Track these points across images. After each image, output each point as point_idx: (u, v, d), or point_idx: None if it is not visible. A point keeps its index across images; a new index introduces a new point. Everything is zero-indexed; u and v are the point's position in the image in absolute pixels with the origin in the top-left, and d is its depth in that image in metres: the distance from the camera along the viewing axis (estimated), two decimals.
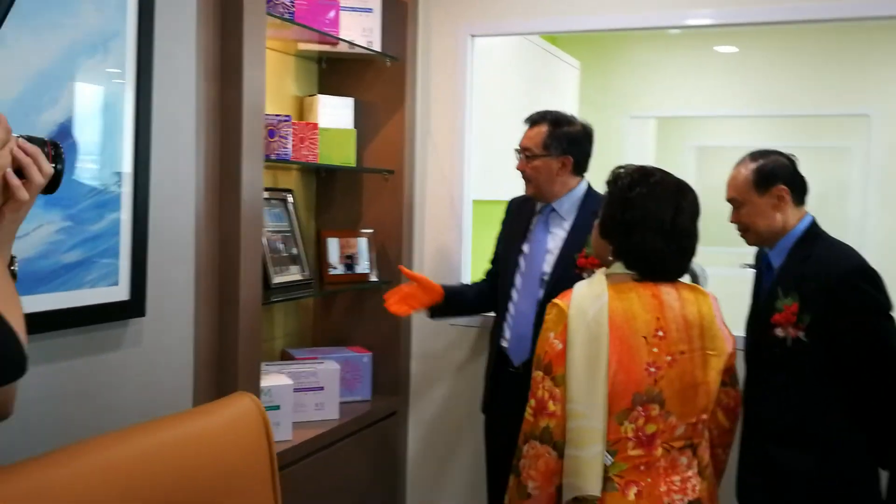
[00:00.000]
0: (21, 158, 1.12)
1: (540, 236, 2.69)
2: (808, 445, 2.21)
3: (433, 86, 3.11)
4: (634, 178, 1.97)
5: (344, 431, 2.78)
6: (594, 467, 1.85)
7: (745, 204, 2.32)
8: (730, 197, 2.36)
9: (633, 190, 1.95)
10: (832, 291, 2.19)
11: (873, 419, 2.26)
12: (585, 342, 1.88)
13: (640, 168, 2.02)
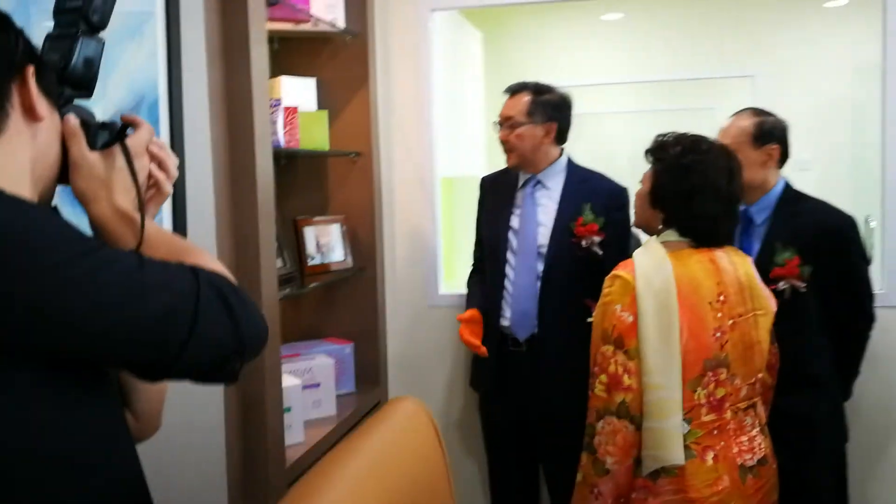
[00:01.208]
0: (158, 153, 1.09)
1: (529, 210, 2.66)
2: (804, 388, 2.35)
3: (394, 62, 2.99)
4: (686, 146, 1.97)
5: (344, 428, 2.65)
6: (676, 437, 1.85)
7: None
8: None
9: (687, 157, 1.95)
10: (832, 242, 2.37)
11: (848, 355, 2.54)
12: (656, 312, 1.86)
13: (685, 135, 2.02)
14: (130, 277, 0.87)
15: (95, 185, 1.01)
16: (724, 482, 1.88)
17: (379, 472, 1.01)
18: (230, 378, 0.96)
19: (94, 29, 1.03)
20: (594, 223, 2.52)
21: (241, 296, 0.96)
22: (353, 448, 1.04)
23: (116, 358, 0.90)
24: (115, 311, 0.85)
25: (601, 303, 1.96)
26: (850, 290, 2.45)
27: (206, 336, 0.90)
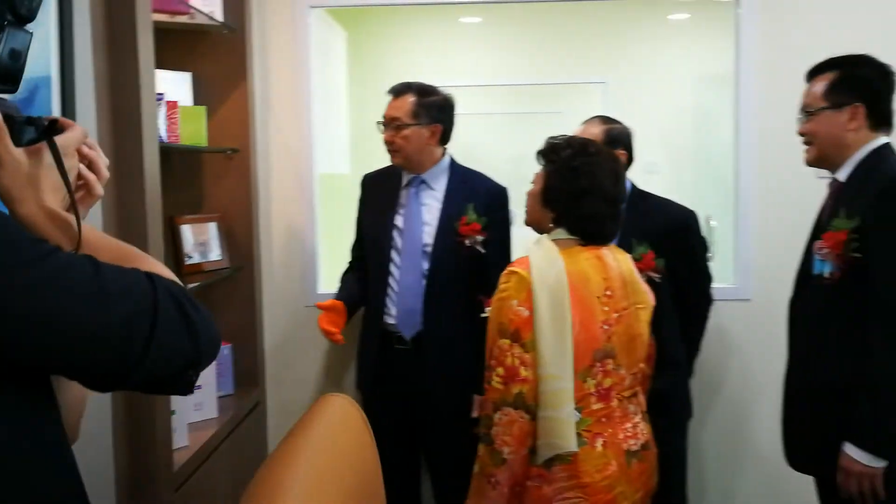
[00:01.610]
0: (89, 153, 1.04)
1: (414, 209, 2.69)
2: (665, 370, 2.51)
3: (272, 58, 2.95)
4: (576, 149, 2.06)
5: (226, 430, 2.60)
6: (570, 425, 1.94)
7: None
8: None
9: (577, 160, 2.04)
10: (678, 234, 2.67)
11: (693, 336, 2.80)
12: (550, 307, 1.94)
13: (575, 139, 2.12)
14: (90, 284, 0.83)
15: (21, 183, 0.94)
16: (613, 467, 1.98)
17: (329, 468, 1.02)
18: (186, 389, 0.94)
19: (21, 20, 0.97)
20: (477, 222, 2.59)
21: (196, 304, 0.93)
22: (297, 447, 1.03)
23: (71, 367, 0.86)
24: (75, 318, 0.81)
25: (497, 298, 2.01)
26: (694, 275, 2.70)
27: (163, 346, 0.87)
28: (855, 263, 2.05)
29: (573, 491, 1.95)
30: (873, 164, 2.13)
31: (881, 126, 2.17)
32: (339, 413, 1.15)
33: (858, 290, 2.05)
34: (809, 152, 2.25)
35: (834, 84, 2.18)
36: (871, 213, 2.04)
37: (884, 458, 2.01)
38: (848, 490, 2.06)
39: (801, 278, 2.29)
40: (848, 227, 2.06)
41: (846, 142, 2.16)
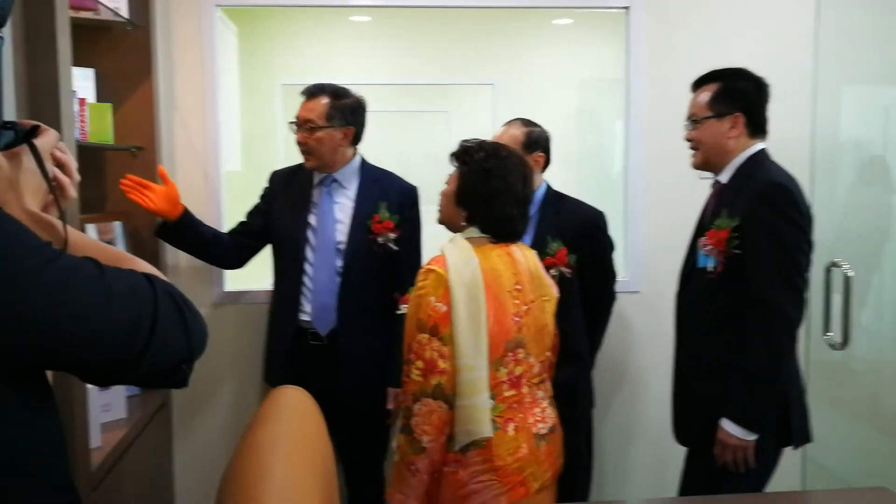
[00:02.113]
0: (61, 157, 1.08)
1: (326, 207, 2.75)
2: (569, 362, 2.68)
3: (177, 56, 2.94)
4: (489, 152, 2.18)
5: (136, 430, 2.59)
6: (485, 412, 2.06)
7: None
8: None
9: (489, 162, 2.16)
10: (589, 233, 2.84)
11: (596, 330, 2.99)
12: (466, 301, 2.06)
13: (487, 142, 2.23)
14: (98, 285, 0.87)
15: (2, 187, 0.97)
16: (523, 450, 2.12)
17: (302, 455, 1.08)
18: (181, 383, 0.98)
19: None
20: (389, 220, 2.68)
21: (189, 302, 0.98)
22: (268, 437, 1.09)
23: (77, 364, 0.89)
24: (85, 318, 0.85)
25: (415, 295, 2.11)
26: (602, 273, 2.87)
27: (162, 343, 0.92)
28: (735, 259, 2.28)
29: (487, 474, 2.08)
30: (751, 168, 2.36)
31: (758, 133, 2.41)
32: (298, 404, 1.22)
33: (737, 283, 2.28)
34: (696, 157, 2.46)
35: (716, 95, 2.39)
36: (748, 214, 2.26)
37: (755, 432, 2.26)
38: (723, 460, 2.30)
39: (686, 272, 2.50)
40: (729, 225, 2.29)
41: (728, 148, 2.38)
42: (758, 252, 2.24)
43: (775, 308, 2.22)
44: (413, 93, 6.25)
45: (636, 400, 3.29)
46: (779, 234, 2.22)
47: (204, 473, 3.10)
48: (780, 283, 2.22)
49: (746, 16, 3.21)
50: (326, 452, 1.18)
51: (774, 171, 2.33)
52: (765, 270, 2.23)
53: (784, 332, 2.25)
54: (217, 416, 3.11)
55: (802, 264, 2.26)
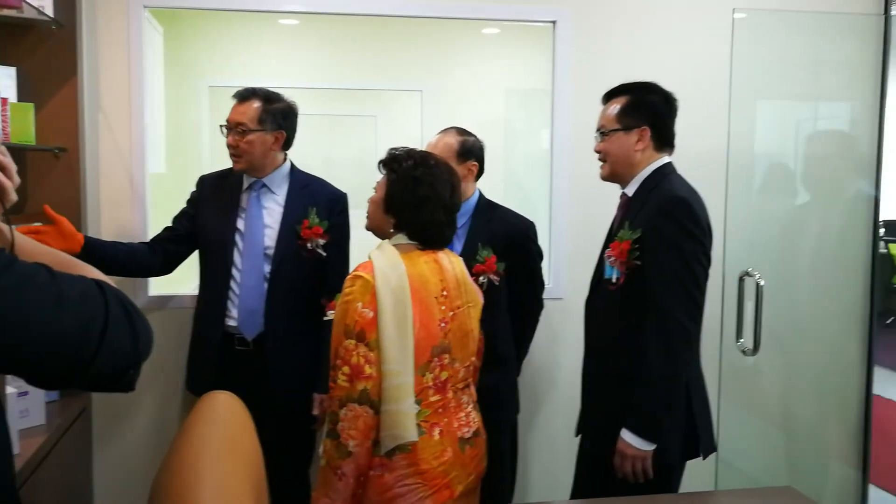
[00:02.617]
0: (2, 160, 1.09)
1: (255, 212, 2.75)
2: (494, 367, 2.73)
3: (103, 56, 2.89)
4: (417, 161, 2.22)
5: (56, 437, 2.54)
6: (411, 417, 2.10)
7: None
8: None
9: (418, 170, 2.20)
10: (519, 242, 2.88)
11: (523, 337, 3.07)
12: (393, 307, 2.09)
13: (415, 151, 2.27)
14: (51, 291, 0.87)
15: None
16: (448, 454, 2.16)
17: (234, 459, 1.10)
18: (128, 387, 0.99)
19: None
20: (319, 226, 2.69)
21: (136, 308, 0.99)
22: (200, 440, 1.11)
23: (29, 367, 0.90)
24: (39, 324, 0.86)
25: (342, 301, 2.13)
26: (530, 281, 2.92)
27: (112, 348, 0.93)
28: (637, 270, 2.33)
29: (413, 477, 2.11)
30: (656, 181, 2.41)
31: (664, 147, 2.47)
32: (228, 408, 1.24)
33: (639, 294, 2.33)
34: (604, 169, 2.51)
35: (625, 108, 2.44)
36: (650, 226, 2.32)
37: (653, 442, 2.29)
38: (622, 470, 2.33)
39: (595, 281, 2.57)
40: (631, 237, 2.34)
41: (634, 160, 2.43)
42: (657, 264, 2.28)
43: (673, 319, 2.26)
44: (341, 97, 6.26)
45: (562, 406, 3.36)
46: (678, 246, 2.26)
47: (124, 481, 3.05)
48: (678, 295, 2.26)
49: (668, 34, 3.34)
50: (257, 457, 1.20)
51: (677, 185, 2.37)
52: (663, 282, 2.27)
53: (681, 342, 2.28)
54: (138, 423, 3.07)
55: (700, 276, 2.30)
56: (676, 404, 2.34)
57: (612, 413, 2.37)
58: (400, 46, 5.58)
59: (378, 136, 6.38)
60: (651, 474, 2.32)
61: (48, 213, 2.48)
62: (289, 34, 5.75)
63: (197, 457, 1.04)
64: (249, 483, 1.07)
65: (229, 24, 5.50)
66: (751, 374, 3.52)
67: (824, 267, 3.23)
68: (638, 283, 2.32)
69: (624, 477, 2.33)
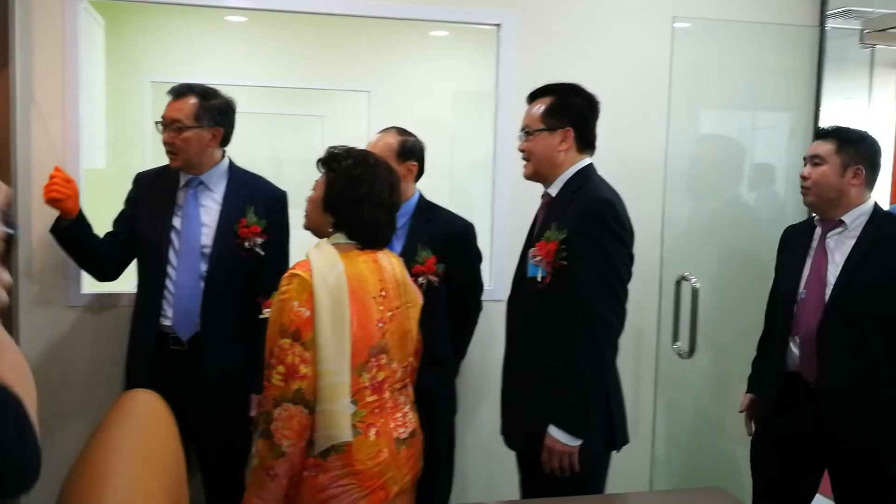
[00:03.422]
0: None
1: (191, 210, 2.71)
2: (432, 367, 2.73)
3: (36, 47, 2.82)
4: (356, 159, 2.21)
5: None
6: (345, 417, 2.08)
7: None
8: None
9: (358, 169, 2.19)
10: (458, 243, 2.91)
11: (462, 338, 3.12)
12: (330, 307, 2.07)
13: (354, 149, 2.26)
14: None
15: None
16: (384, 454, 2.15)
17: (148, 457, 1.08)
18: None
19: None
20: (257, 225, 2.67)
21: (31, 422, 0.90)
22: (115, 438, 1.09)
23: None
24: None
25: (278, 300, 2.11)
26: (469, 283, 2.94)
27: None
28: (562, 270, 2.37)
29: (347, 478, 2.10)
30: (579, 182, 2.45)
31: (586, 148, 2.51)
32: (148, 407, 1.22)
33: (564, 293, 2.37)
34: (527, 168, 2.55)
35: (549, 108, 2.48)
36: (575, 227, 2.36)
37: (580, 437, 2.35)
38: (550, 465, 2.38)
39: (517, 281, 2.59)
40: (558, 238, 2.38)
41: (558, 161, 2.47)
42: (583, 263, 2.33)
43: (599, 317, 2.32)
44: (288, 96, 6.21)
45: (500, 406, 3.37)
46: (603, 246, 2.33)
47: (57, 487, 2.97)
48: (604, 293, 2.33)
49: (610, 40, 3.38)
50: (176, 456, 1.18)
51: (602, 187, 2.43)
52: (589, 281, 2.32)
53: (607, 339, 2.36)
54: (79, 424, 2.99)
55: (624, 275, 2.38)
56: (601, 400, 2.40)
57: (537, 410, 2.40)
58: (348, 46, 5.54)
59: (325, 136, 6.34)
60: (577, 468, 2.36)
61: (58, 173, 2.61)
62: (236, 31, 5.68)
63: (107, 457, 1.02)
64: (164, 482, 1.05)
65: (174, 18, 5.42)
66: (686, 377, 3.57)
67: (758, 271, 3.29)
68: (562, 282, 2.36)
69: (551, 472, 2.37)
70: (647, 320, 3.45)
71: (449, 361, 2.95)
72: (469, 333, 3.04)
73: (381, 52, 5.56)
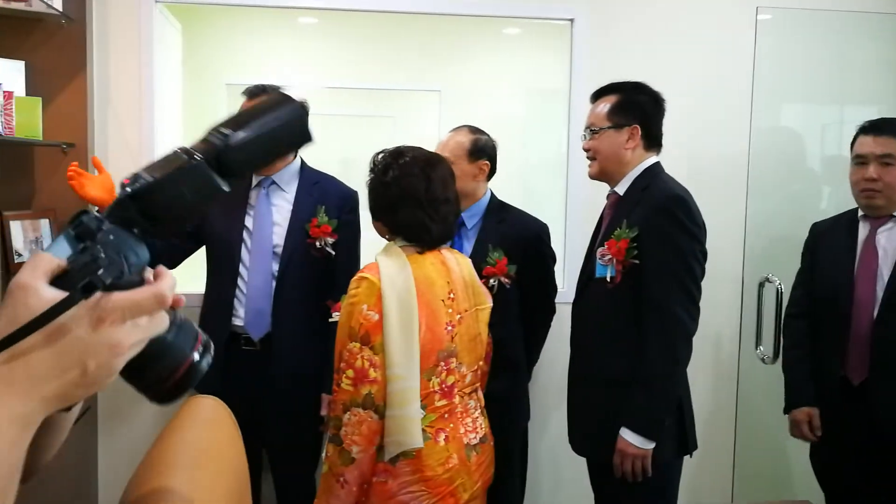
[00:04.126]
0: None
1: (264, 210, 2.70)
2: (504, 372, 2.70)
3: (113, 52, 2.86)
4: (388, 162, 2.15)
5: None
6: (416, 422, 2.04)
7: None
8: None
9: (388, 173, 2.13)
10: (531, 245, 2.83)
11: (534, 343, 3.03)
12: (399, 310, 2.03)
13: (392, 151, 2.19)
14: None
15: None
16: (454, 460, 2.10)
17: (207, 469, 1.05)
18: None
19: None
20: (328, 225, 2.64)
21: None
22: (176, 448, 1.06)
23: None
24: None
25: (347, 303, 2.07)
26: (542, 285, 2.86)
27: None
28: (633, 269, 2.30)
29: (417, 484, 2.05)
30: (647, 179, 2.39)
31: (653, 146, 2.45)
32: (211, 414, 1.19)
33: (635, 293, 2.30)
34: (592, 167, 2.48)
35: (615, 106, 2.42)
36: (647, 224, 2.29)
37: (652, 440, 2.28)
38: (622, 470, 2.31)
39: (583, 281, 2.52)
40: (629, 236, 2.31)
41: (625, 159, 2.41)
42: (655, 261, 2.27)
43: (672, 315, 2.25)
44: (359, 97, 6.22)
45: None
46: (676, 243, 2.26)
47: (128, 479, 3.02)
48: (677, 291, 2.26)
49: (689, 33, 3.26)
50: (239, 465, 1.14)
51: (672, 183, 2.37)
52: (662, 279, 2.26)
53: (680, 339, 2.28)
54: (143, 421, 3.03)
55: (698, 273, 2.30)
56: (674, 402, 2.33)
57: (607, 414, 2.34)
58: (419, 46, 5.53)
59: (395, 137, 6.32)
60: (650, 472, 2.30)
61: (95, 163, 2.54)
62: (308, 32, 5.72)
63: (169, 463, 0.99)
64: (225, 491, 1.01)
65: (249, 22, 5.48)
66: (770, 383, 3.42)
67: None
68: (632, 282, 2.30)
69: (623, 476, 2.31)
70: (728, 324, 3.32)
71: (521, 366, 2.87)
72: (542, 337, 2.97)
73: (453, 52, 5.52)
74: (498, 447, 2.33)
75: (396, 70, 5.65)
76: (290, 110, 0.93)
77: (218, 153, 0.82)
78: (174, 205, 0.80)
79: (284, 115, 0.93)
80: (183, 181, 0.80)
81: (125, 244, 0.77)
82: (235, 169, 0.83)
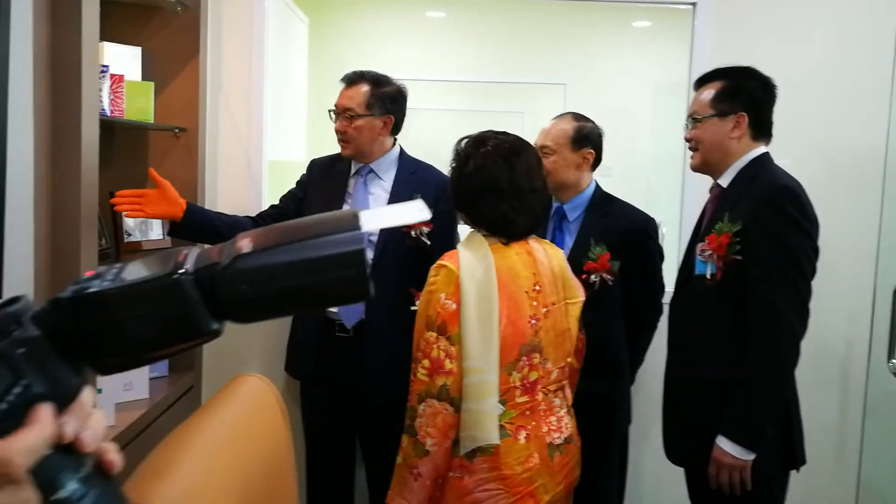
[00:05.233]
0: None
1: (361, 197, 2.69)
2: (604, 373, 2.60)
3: (225, 38, 2.93)
4: (469, 151, 2.08)
5: (157, 411, 2.58)
6: (492, 418, 1.96)
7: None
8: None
9: (469, 162, 2.06)
10: (637, 240, 2.67)
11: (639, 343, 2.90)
12: (477, 300, 1.96)
13: (475, 138, 2.11)
14: None
15: None
16: (535, 459, 2.01)
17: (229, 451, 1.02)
18: None
19: None
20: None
21: None
22: (200, 425, 1.04)
23: None
24: None
25: (426, 291, 2.02)
26: (648, 283, 2.70)
27: None
28: (735, 265, 2.12)
29: (494, 483, 1.98)
30: (754, 171, 2.21)
31: (761, 136, 2.26)
32: (253, 394, 1.15)
33: (737, 291, 2.13)
34: (694, 158, 2.32)
35: (720, 93, 2.25)
36: (752, 218, 2.11)
37: (753, 451, 2.10)
38: (718, 481, 2.14)
39: (682, 279, 2.36)
40: (731, 230, 2.14)
41: (730, 149, 2.24)
42: (761, 258, 2.09)
43: (778, 315, 2.07)
44: (487, 91, 6.18)
45: None
46: (784, 238, 2.07)
47: None
48: (784, 290, 2.07)
49: (820, 17, 3.02)
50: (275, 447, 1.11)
51: (781, 175, 2.18)
52: (767, 276, 2.08)
53: (788, 341, 2.09)
54: None
55: (808, 271, 2.10)
56: (779, 409, 2.14)
57: (704, 420, 2.18)
58: (546, 40, 5.43)
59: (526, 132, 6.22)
60: (749, 485, 2.12)
61: (153, 176, 2.45)
62: (435, 27, 5.74)
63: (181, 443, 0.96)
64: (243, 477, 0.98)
65: (376, 16, 5.55)
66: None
67: None
68: (734, 280, 2.13)
69: (719, 488, 2.15)
70: (858, 333, 3.05)
71: (624, 368, 2.73)
72: (647, 339, 2.81)
73: (580, 45, 5.40)
74: (596, 451, 2.24)
75: (523, 64, 5.58)
76: (348, 239, 0.61)
77: (214, 276, 0.61)
78: (124, 330, 0.58)
79: (335, 247, 0.61)
80: (147, 301, 0.59)
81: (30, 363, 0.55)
82: (229, 306, 0.61)
